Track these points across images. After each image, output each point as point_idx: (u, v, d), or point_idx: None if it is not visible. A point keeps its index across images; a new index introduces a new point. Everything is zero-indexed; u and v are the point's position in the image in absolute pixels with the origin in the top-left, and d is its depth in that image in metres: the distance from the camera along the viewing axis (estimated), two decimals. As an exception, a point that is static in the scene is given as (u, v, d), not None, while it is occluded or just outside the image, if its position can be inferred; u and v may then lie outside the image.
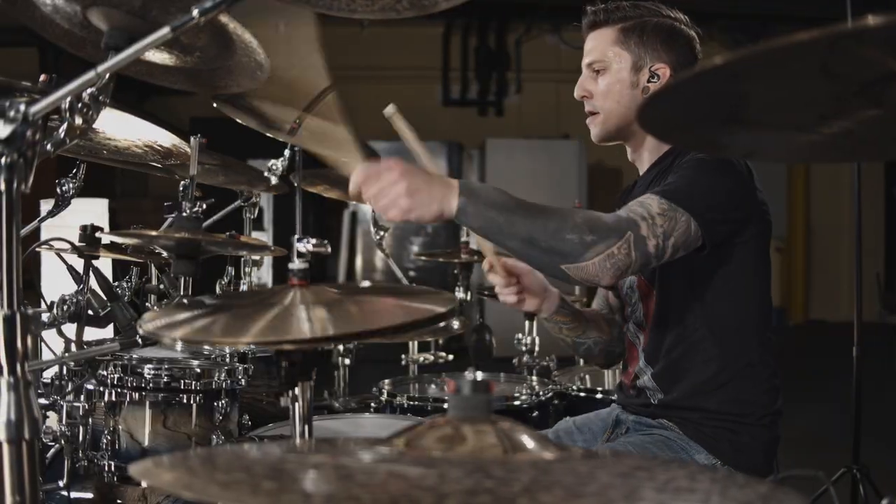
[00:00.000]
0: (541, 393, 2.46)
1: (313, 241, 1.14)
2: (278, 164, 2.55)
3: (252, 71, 1.25)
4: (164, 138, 1.69)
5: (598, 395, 2.56)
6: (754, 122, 0.94)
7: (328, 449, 0.87)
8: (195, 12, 0.96)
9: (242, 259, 2.62)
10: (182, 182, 2.42)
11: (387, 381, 2.56)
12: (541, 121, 8.37)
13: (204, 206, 1.47)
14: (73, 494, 1.59)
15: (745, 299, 1.79)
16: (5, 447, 0.96)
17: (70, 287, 1.76)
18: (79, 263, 1.67)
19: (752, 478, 0.81)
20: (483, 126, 8.33)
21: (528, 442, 0.89)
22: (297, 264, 1.21)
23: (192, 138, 1.52)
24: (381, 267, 8.16)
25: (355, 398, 2.79)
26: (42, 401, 1.66)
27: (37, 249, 1.70)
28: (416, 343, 2.94)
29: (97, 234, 1.63)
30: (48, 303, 1.78)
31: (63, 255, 1.81)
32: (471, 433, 0.91)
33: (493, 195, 1.48)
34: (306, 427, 1.22)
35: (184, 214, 1.42)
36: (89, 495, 1.63)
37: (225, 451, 0.83)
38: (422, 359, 2.94)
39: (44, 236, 2.08)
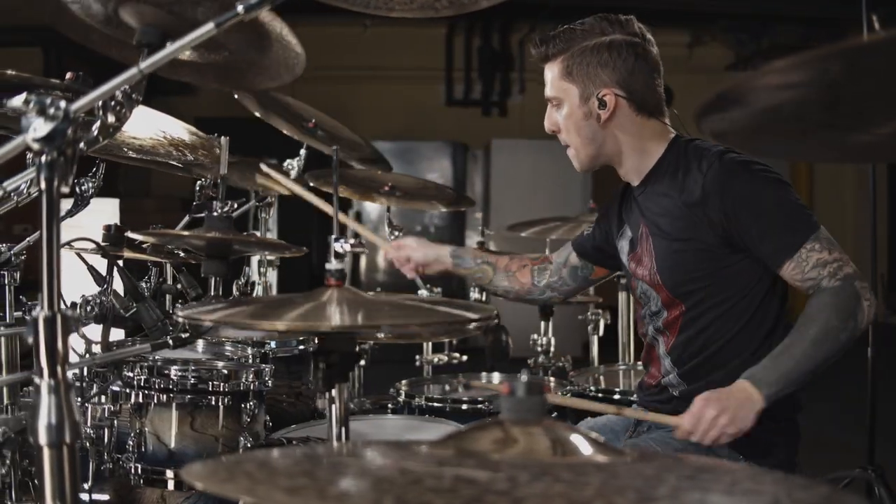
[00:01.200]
0: (559, 394, 2.45)
1: (352, 240, 1.13)
2: (294, 163, 2.53)
3: (290, 66, 1.23)
4: (187, 136, 1.67)
5: (616, 396, 2.54)
6: (815, 124, 0.92)
7: (386, 452, 0.85)
8: (240, 8, 0.94)
9: (258, 260, 2.60)
10: (198, 182, 2.40)
11: (403, 381, 2.54)
12: (544, 121, 8.34)
13: (235, 206, 1.45)
14: (92, 496, 1.58)
15: (771, 298, 1.80)
16: (46, 451, 0.94)
17: (86, 288, 1.74)
18: (98, 264, 1.65)
19: (811, 479, 0.80)
20: (486, 126, 8.31)
21: (579, 443, 0.88)
22: (333, 264, 1.19)
23: (221, 138, 1.50)
24: (384, 267, 8.14)
25: (370, 399, 2.77)
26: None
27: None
28: (430, 344, 2.92)
29: (126, 234, 1.61)
30: (67, 304, 1.76)
31: (82, 255, 1.79)
32: (522, 435, 0.90)
33: (777, 369, 1.63)
34: (343, 429, 1.20)
35: (214, 214, 1.40)
36: (105, 497, 1.61)
37: (281, 455, 0.82)
38: (436, 359, 2.92)
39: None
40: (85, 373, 1.65)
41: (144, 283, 1.93)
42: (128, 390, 1.53)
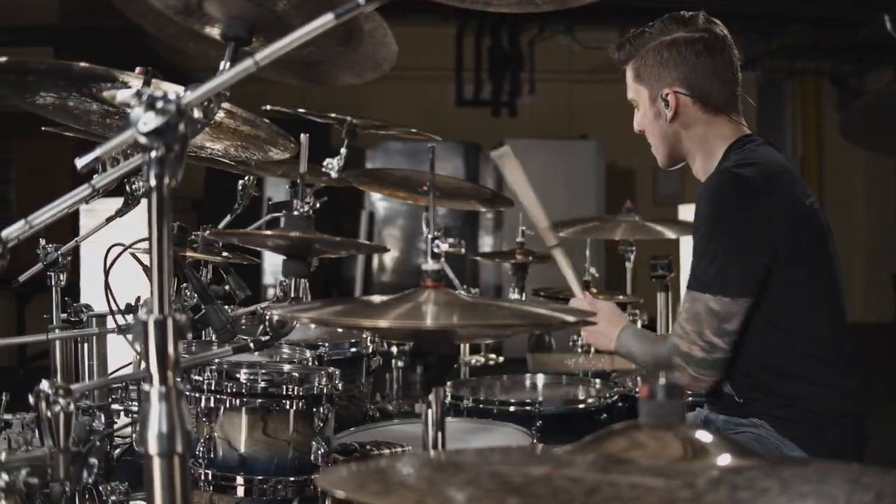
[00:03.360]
0: (607, 395, 2.41)
1: (450, 240, 1.09)
2: (334, 162, 2.49)
3: (378, 63, 1.19)
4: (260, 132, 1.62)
5: (662, 398, 2.51)
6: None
7: (524, 459, 0.82)
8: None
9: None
10: (241, 182, 2.36)
11: (449, 383, 2.51)
12: (554, 121, 8.33)
13: (318, 205, 1.41)
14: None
15: (815, 303, 1.79)
16: (156, 461, 0.90)
17: (129, 290, 1.70)
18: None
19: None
20: (496, 126, 8.28)
21: (709, 444, 0.85)
22: (430, 265, 1.16)
23: (301, 135, 1.46)
24: (391, 266, 8.11)
25: (408, 401, 2.73)
26: (134, 407, 1.60)
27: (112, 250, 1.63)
28: (467, 346, 2.89)
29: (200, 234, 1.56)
30: (116, 306, 1.72)
31: (138, 257, 1.75)
32: (650, 438, 0.87)
33: (635, 345, 1.91)
34: (439, 433, 1.16)
35: (295, 213, 1.36)
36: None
37: (435, 463, 0.78)
38: (473, 360, 2.89)
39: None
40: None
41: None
42: (196, 394, 1.49)
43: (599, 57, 8.63)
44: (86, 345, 1.97)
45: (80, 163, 0.93)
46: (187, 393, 1.48)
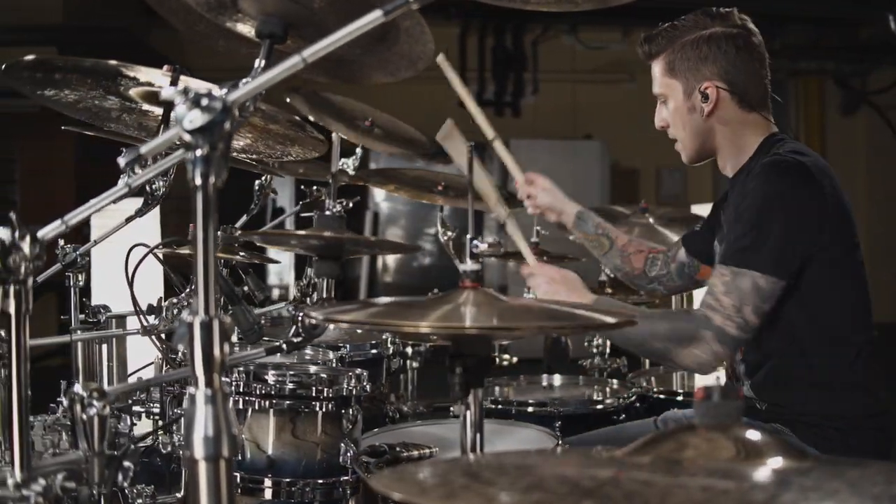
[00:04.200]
0: (626, 395, 2.40)
1: (489, 240, 1.07)
2: (349, 161, 2.48)
3: (413, 61, 1.18)
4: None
5: (680, 398, 2.50)
6: None
7: (599, 461, 0.80)
8: (411, -5, 0.89)
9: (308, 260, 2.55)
10: (258, 182, 2.35)
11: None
12: (557, 121, 8.32)
13: (350, 205, 1.39)
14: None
15: (839, 304, 1.77)
16: (202, 465, 0.88)
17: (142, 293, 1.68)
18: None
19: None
20: (500, 126, 8.21)
21: (766, 447, 0.84)
22: (469, 265, 1.14)
23: (333, 134, 1.44)
24: (395, 266, 8.10)
25: (423, 402, 2.71)
26: (155, 409, 1.58)
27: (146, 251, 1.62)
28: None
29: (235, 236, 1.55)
30: (139, 307, 1.70)
31: (159, 258, 1.73)
32: (701, 440, 0.86)
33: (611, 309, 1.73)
34: (478, 435, 1.15)
35: (327, 213, 1.34)
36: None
37: (494, 466, 0.77)
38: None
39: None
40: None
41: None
42: (224, 396, 1.46)
43: (603, 57, 8.64)
44: (104, 346, 1.95)
45: (122, 161, 0.92)
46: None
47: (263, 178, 2.24)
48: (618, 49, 8.32)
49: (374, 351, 2.07)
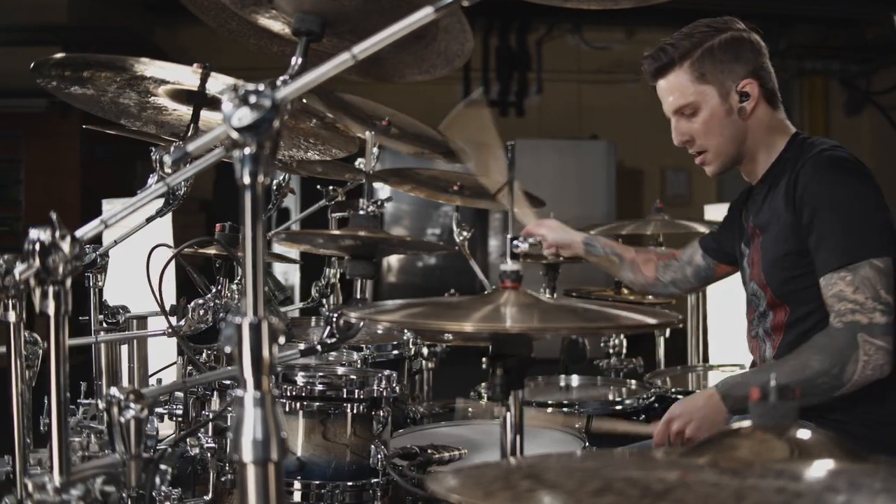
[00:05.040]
0: (645, 396, 2.38)
1: (531, 239, 1.06)
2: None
3: (450, 59, 1.16)
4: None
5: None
6: None
7: (659, 463, 0.79)
8: (465, -8, 0.87)
9: (326, 261, 2.53)
10: (275, 181, 2.33)
11: (483, 384, 2.48)
12: (562, 121, 8.30)
13: (384, 206, 1.37)
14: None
15: None
16: (250, 469, 0.86)
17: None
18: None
19: None
20: (504, 126, 8.25)
21: (817, 447, 0.82)
22: (509, 265, 1.13)
23: (367, 133, 1.43)
24: (397, 266, 8.08)
25: (438, 403, 2.69)
26: (178, 411, 1.57)
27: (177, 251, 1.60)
28: (496, 346, 2.85)
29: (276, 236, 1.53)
30: (163, 308, 1.69)
31: (182, 260, 1.72)
32: (751, 441, 0.85)
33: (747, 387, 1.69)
34: (518, 437, 1.13)
35: (361, 213, 1.33)
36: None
37: (563, 468, 0.75)
38: (503, 362, 2.85)
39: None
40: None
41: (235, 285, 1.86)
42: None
43: (607, 57, 8.63)
44: (124, 347, 1.93)
45: (169, 159, 0.90)
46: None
47: (282, 177, 2.23)
48: (622, 49, 8.31)
49: (395, 352, 2.05)
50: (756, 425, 0.85)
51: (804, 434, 0.83)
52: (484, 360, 2.94)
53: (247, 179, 0.87)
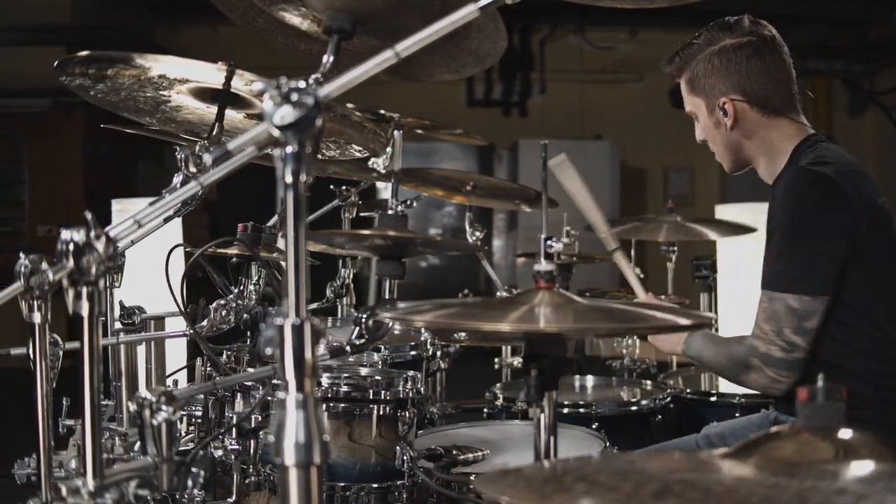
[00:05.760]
0: (661, 397, 2.38)
1: (565, 240, 1.05)
2: (380, 161, 2.44)
3: (482, 58, 1.15)
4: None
5: (713, 399, 2.48)
6: None
7: (710, 465, 0.78)
8: (508, -13, 0.86)
9: (341, 261, 2.52)
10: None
11: (498, 385, 2.48)
12: (565, 121, 8.30)
13: (413, 204, 1.36)
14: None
15: (890, 305, 1.75)
16: (292, 473, 0.85)
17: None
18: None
19: None
20: (507, 126, 8.25)
21: (860, 447, 0.82)
22: (543, 265, 1.12)
23: (394, 132, 1.42)
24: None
25: (451, 403, 2.68)
26: (197, 412, 1.55)
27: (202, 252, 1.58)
28: (509, 347, 2.85)
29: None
30: (183, 310, 1.67)
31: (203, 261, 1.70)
32: (796, 442, 0.84)
33: (702, 350, 1.86)
34: (551, 438, 1.12)
35: (389, 212, 1.32)
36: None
37: (614, 470, 0.74)
38: (515, 362, 2.85)
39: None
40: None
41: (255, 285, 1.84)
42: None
43: (610, 57, 8.63)
44: (140, 348, 1.92)
45: (209, 158, 0.89)
46: (269, 398, 1.43)
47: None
48: (625, 49, 8.30)
49: (412, 352, 2.05)
50: (803, 426, 0.85)
51: (847, 434, 0.82)
52: (497, 360, 2.92)
53: (289, 178, 0.86)
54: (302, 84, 0.86)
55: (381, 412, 1.44)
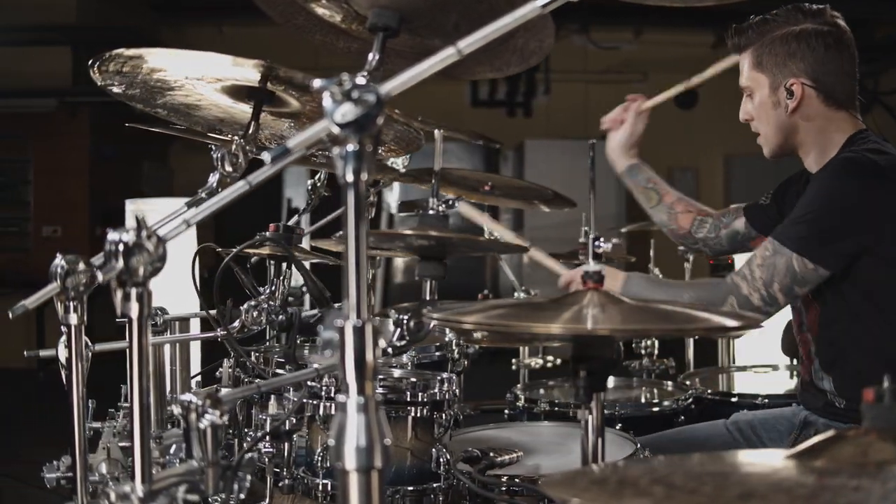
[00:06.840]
0: (683, 398, 2.37)
1: (615, 240, 1.04)
2: (399, 161, 2.43)
3: (526, 56, 1.14)
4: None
5: (734, 399, 2.47)
6: None
7: (787, 467, 0.77)
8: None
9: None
10: (309, 181, 2.30)
11: (519, 386, 2.47)
12: (569, 122, 8.29)
13: (455, 205, 1.35)
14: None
15: None
16: (353, 477, 0.84)
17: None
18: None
19: None
20: (512, 127, 8.24)
21: None
22: (592, 266, 1.10)
23: (436, 131, 1.40)
24: (403, 268, 8.04)
25: (470, 405, 2.67)
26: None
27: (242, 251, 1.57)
28: (526, 348, 2.84)
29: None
30: (211, 312, 1.66)
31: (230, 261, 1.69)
32: (853, 443, 0.83)
33: (643, 290, 1.81)
34: (599, 439, 1.11)
35: (430, 212, 1.30)
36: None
37: (688, 473, 0.73)
38: (532, 363, 2.84)
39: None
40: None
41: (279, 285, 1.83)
42: (314, 402, 1.42)
43: (614, 57, 8.62)
44: (165, 349, 1.91)
45: (268, 157, 0.88)
46: (305, 400, 1.42)
47: (317, 176, 2.19)
48: (629, 49, 8.29)
49: (437, 353, 2.03)
50: (869, 427, 0.84)
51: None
52: (514, 361, 2.90)
53: (350, 177, 0.84)
54: (363, 81, 0.84)
55: (418, 414, 1.42)
